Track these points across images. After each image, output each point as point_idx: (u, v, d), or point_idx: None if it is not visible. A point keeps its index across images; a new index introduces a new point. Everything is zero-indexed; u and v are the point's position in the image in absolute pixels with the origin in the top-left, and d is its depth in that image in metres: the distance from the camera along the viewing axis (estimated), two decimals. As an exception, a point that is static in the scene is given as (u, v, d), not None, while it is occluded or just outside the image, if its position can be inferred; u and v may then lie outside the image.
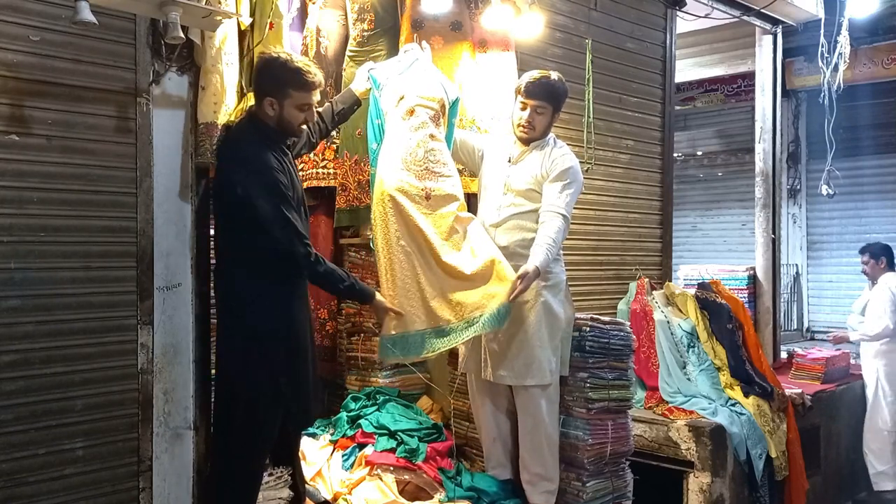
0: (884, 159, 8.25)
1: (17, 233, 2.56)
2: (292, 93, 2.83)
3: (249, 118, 2.92)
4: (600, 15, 4.84)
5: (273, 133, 2.88)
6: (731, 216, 9.26)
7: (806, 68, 7.82)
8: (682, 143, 9.33)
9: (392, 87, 3.38)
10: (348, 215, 4.06)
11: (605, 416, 3.48)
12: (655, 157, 5.31)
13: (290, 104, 2.84)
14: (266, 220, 2.74)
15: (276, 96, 2.82)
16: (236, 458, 2.89)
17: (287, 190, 2.80)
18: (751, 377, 4.65)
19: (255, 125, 2.88)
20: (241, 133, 2.90)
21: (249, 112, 2.95)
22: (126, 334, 2.80)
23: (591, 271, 4.78)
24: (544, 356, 3.31)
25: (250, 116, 2.92)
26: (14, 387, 2.55)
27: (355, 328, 4.26)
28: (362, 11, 3.95)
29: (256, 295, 2.83)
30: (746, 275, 6.54)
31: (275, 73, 2.82)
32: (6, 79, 2.51)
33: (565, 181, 3.34)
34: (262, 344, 2.83)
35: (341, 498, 3.35)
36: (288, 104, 2.84)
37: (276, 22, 3.13)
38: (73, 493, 2.67)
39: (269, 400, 2.85)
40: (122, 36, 2.75)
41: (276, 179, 2.78)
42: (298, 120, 2.89)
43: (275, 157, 2.83)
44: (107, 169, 2.74)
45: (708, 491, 4.12)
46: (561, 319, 3.38)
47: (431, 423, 3.79)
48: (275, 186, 2.77)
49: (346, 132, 4.02)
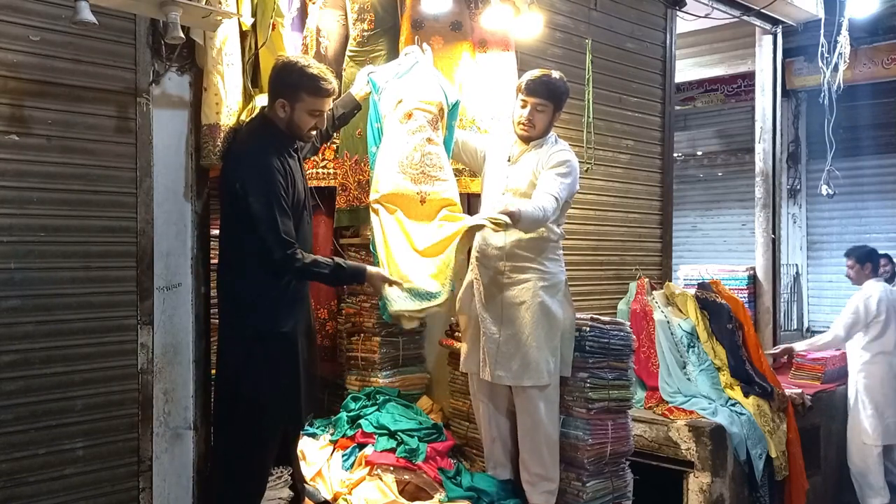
0: (884, 159, 8.24)
1: (17, 233, 2.56)
2: (305, 97, 2.83)
3: (261, 119, 2.93)
4: (600, 15, 4.84)
5: (281, 135, 2.88)
6: (731, 216, 9.25)
7: (806, 68, 7.81)
8: (682, 143, 9.32)
9: (391, 91, 3.37)
10: (348, 215, 4.06)
11: (605, 416, 3.47)
12: (655, 157, 5.31)
13: (301, 108, 2.84)
14: (255, 217, 2.74)
15: (288, 99, 2.83)
16: (238, 459, 2.88)
17: (283, 192, 2.79)
18: (751, 377, 4.65)
19: (264, 126, 2.89)
20: (249, 133, 2.91)
21: (262, 113, 2.96)
22: (126, 334, 2.80)
23: (591, 271, 4.79)
24: (541, 357, 3.31)
25: (262, 117, 2.94)
26: (14, 387, 2.55)
27: (355, 328, 4.26)
28: (362, 11, 3.95)
29: (257, 294, 2.82)
30: (746, 275, 6.53)
31: (291, 77, 2.83)
32: (6, 79, 2.52)
33: (561, 170, 3.31)
34: (262, 344, 2.83)
35: (341, 498, 3.35)
36: (300, 108, 2.84)
37: (278, 22, 3.13)
38: (73, 493, 2.67)
39: (270, 400, 2.84)
40: (122, 36, 2.76)
41: (273, 179, 2.77)
42: (308, 125, 2.90)
43: (278, 158, 2.83)
44: (107, 169, 2.75)
45: (708, 491, 4.12)
46: (559, 320, 3.37)
47: (431, 423, 3.79)
48: (270, 186, 2.76)
49: (347, 132, 4.02)
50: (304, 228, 2.98)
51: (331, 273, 2.90)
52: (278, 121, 2.87)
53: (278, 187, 2.78)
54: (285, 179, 2.81)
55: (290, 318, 2.89)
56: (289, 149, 2.92)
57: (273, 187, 2.76)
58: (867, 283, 5.47)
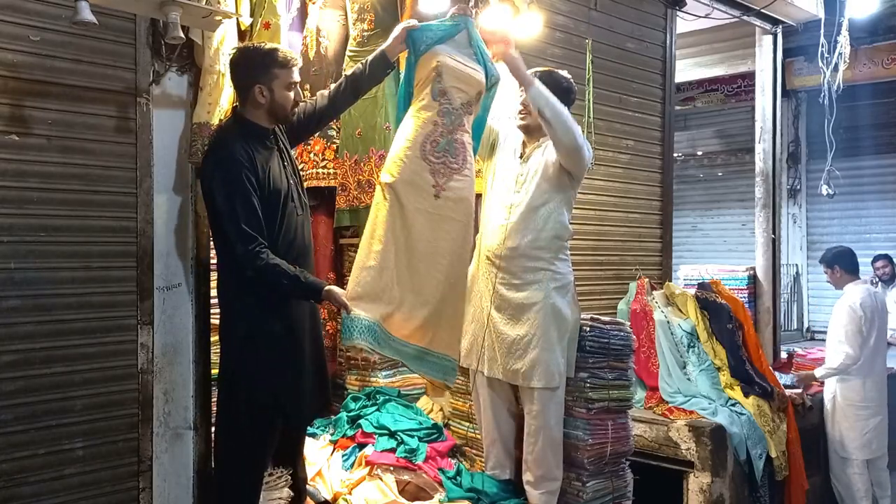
0: (884, 159, 8.26)
1: (17, 233, 2.56)
2: (277, 72, 2.79)
3: (232, 117, 2.89)
4: (600, 15, 4.84)
5: (252, 127, 2.82)
6: (731, 216, 9.27)
7: (806, 68, 7.83)
8: (682, 143, 9.33)
9: (429, 57, 3.05)
10: (348, 215, 4.06)
11: (605, 416, 3.47)
12: (655, 157, 5.31)
13: (278, 85, 2.80)
14: (218, 211, 2.70)
15: (263, 81, 2.78)
16: (236, 460, 2.88)
17: (249, 184, 2.71)
18: (751, 377, 4.65)
19: (234, 122, 2.85)
20: (218, 130, 2.88)
21: (233, 111, 2.90)
22: (126, 334, 2.80)
23: (591, 271, 4.79)
24: (553, 358, 3.29)
25: (233, 115, 2.88)
26: (14, 387, 2.55)
27: (355, 328, 4.25)
28: (362, 11, 3.95)
29: (252, 293, 2.80)
30: (746, 275, 6.53)
31: (255, 60, 2.80)
32: (6, 79, 2.52)
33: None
34: (252, 343, 2.79)
35: (341, 498, 3.35)
36: (277, 85, 2.79)
37: (271, 21, 3.12)
38: (73, 493, 2.67)
39: (266, 400, 2.83)
40: (122, 36, 2.76)
41: (235, 171, 2.69)
42: (289, 101, 2.85)
43: (246, 150, 2.74)
44: (107, 169, 2.75)
45: (708, 491, 4.12)
46: (568, 321, 3.36)
47: (431, 423, 3.79)
48: (233, 179, 2.69)
49: (346, 132, 4.02)
50: (294, 221, 2.89)
51: (289, 283, 2.72)
52: (254, 113, 2.81)
53: (243, 180, 2.69)
54: (254, 171, 2.73)
55: (278, 317, 2.82)
56: (263, 141, 2.84)
57: (235, 179, 2.69)
58: (847, 288, 5.10)
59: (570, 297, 3.40)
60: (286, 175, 2.89)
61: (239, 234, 2.66)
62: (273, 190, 2.79)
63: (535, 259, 3.29)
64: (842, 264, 5.14)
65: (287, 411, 2.89)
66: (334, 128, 4.08)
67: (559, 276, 3.34)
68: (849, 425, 5.05)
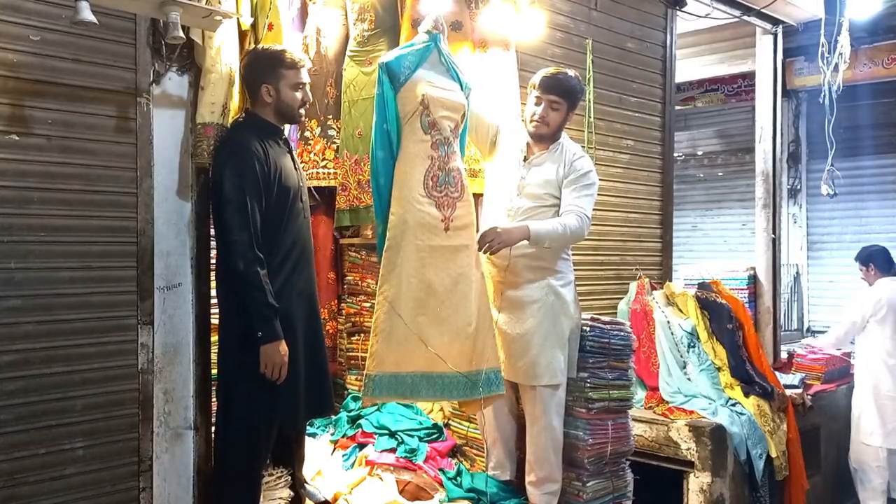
0: (884, 159, 8.24)
1: (17, 233, 2.56)
2: (284, 72, 2.91)
3: (246, 115, 2.99)
4: (600, 15, 4.84)
5: (266, 125, 2.94)
6: (732, 216, 9.25)
7: (806, 68, 7.81)
8: (683, 143, 9.32)
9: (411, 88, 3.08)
10: (348, 215, 4.06)
11: (605, 416, 3.48)
12: (655, 157, 5.30)
13: (285, 85, 2.92)
14: (224, 198, 2.74)
15: (270, 81, 2.91)
16: (234, 460, 2.88)
17: (261, 177, 2.78)
18: (751, 377, 4.65)
19: (250, 119, 2.95)
20: (232, 126, 2.95)
21: (246, 110, 3.01)
22: (126, 334, 2.80)
23: (591, 271, 4.78)
24: (554, 356, 3.30)
25: (246, 113, 2.99)
26: (14, 387, 2.55)
27: (355, 328, 4.26)
28: (362, 11, 3.94)
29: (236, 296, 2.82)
30: (747, 275, 6.51)
31: (263, 61, 2.93)
32: (6, 79, 2.51)
33: (586, 184, 3.33)
34: (247, 343, 2.79)
35: (341, 498, 3.35)
36: (283, 86, 2.91)
37: (275, 23, 3.13)
38: (73, 493, 2.67)
39: (262, 399, 2.84)
40: (122, 36, 2.75)
41: (251, 164, 2.77)
42: (296, 101, 2.96)
43: (260, 143, 2.84)
44: (107, 169, 2.74)
45: (708, 491, 4.12)
46: (569, 319, 3.37)
47: (431, 423, 3.79)
48: (247, 169, 2.76)
49: (346, 132, 4.02)
50: (299, 222, 2.96)
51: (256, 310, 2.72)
52: (265, 112, 2.94)
53: (255, 174, 2.77)
54: (266, 165, 2.81)
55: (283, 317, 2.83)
56: (276, 138, 2.96)
57: (248, 171, 2.76)
58: (877, 283, 5.38)
59: (571, 296, 3.40)
60: (298, 176, 2.99)
61: (242, 228, 2.72)
62: (284, 187, 2.87)
63: (537, 258, 3.31)
64: (877, 263, 5.42)
65: (282, 412, 2.90)
66: (334, 128, 4.09)
67: (560, 275, 3.35)
68: (875, 413, 5.26)
